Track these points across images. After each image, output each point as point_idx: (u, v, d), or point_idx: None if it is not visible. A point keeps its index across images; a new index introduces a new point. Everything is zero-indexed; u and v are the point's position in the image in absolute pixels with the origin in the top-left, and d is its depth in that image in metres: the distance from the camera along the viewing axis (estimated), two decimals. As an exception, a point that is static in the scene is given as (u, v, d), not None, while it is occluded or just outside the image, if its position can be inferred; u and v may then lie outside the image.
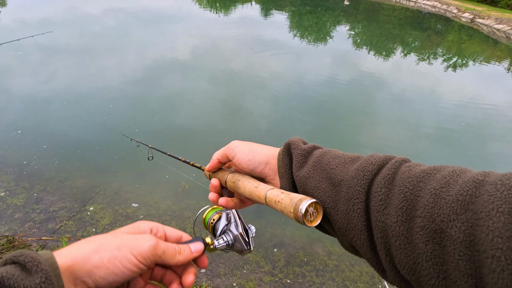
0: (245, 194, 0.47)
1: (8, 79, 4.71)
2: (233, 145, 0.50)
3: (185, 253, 0.40)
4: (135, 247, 0.35)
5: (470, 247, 0.26)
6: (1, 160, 3.07)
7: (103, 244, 0.35)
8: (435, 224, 0.29)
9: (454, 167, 0.33)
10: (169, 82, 5.30)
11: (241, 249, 0.49)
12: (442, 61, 9.71)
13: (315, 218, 0.38)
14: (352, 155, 0.43)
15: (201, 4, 15.39)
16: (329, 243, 2.66)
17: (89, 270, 0.33)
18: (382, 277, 0.37)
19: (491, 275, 0.24)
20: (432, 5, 22.02)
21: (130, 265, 0.34)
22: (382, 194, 0.35)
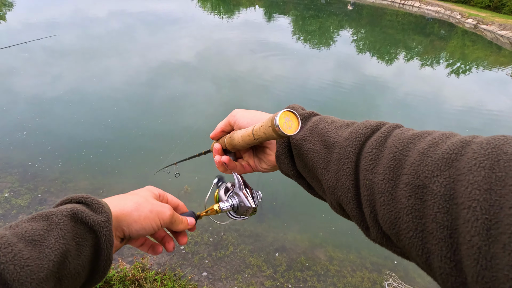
0: (239, 141, 0.49)
1: (15, 81, 4.77)
2: (235, 111, 0.53)
3: (184, 224, 0.51)
4: (161, 213, 0.46)
5: (449, 200, 0.27)
6: (6, 161, 3.10)
7: (141, 205, 0.45)
8: (419, 180, 0.30)
9: (445, 131, 0.34)
10: (173, 85, 5.34)
11: (246, 209, 0.51)
12: (446, 66, 9.70)
13: (293, 127, 0.40)
14: (349, 121, 0.44)
15: (205, 8, 15.53)
16: (330, 248, 2.66)
17: (129, 223, 0.43)
18: (365, 235, 0.38)
19: (465, 224, 0.25)
20: (435, 11, 22.04)
21: (155, 225, 0.45)
22: (373, 154, 0.36)
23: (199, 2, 17.19)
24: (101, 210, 0.38)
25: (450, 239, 0.26)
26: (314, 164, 0.42)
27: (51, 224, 0.34)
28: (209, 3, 17.14)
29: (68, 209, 0.36)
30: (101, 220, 0.37)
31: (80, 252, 0.35)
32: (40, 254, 0.31)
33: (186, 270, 2.29)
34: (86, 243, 0.36)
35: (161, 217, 0.45)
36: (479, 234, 0.24)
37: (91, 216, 0.37)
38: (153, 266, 2.27)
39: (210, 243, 2.54)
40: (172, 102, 4.74)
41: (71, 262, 0.34)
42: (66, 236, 0.34)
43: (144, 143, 3.66)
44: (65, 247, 0.33)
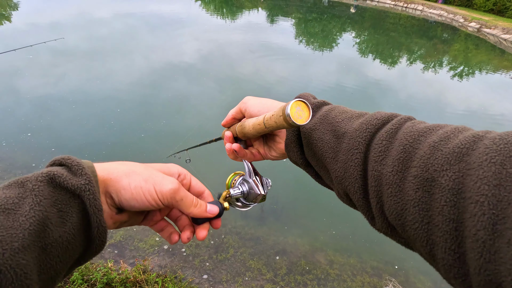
0: (250, 129, 0.49)
1: (20, 82, 4.82)
2: (246, 98, 0.53)
3: (200, 209, 0.43)
4: (159, 185, 0.38)
5: (457, 194, 0.27)
6: (10, 162, 3.13)
7: (134, 172, 0.39)
8: (428, 173, 0.30)
9: (458, 125, 0.34)
10: (175, 87, 5.37)
11: (255, 196, 0.51)
12: (448, 70, 9.69)
13: (304, 117, 0.40)
14: (360, 111, 0.44)
15: (208, 10, 15.61)
16: (331, 252, 2.66)
17: (117, 189, 0.37)
18: (371, 224, 0.38)
19: (472, 218, 0.25)
20: (438, 14, 22.02)
21: (150, 197, 0.38)
22: (383, 146, 0.36)
23: (202, 4, 17.29)
24: (81, 173, 0.34)
25: (456, 232, 0.26)
26: (323, 154, 0.42)
27: (26, 191, 0.31)
28: (212, 5, 17.23)
29: (44, 174, 0.33)
30: (81, 184, 0.33)
31: (64, 219, 0.32)
32: (14, 223, 0.29)
33: (187, 273, 2.31)
34: (70, 209, 0.33)
35: (159, 189, 0.38)
36: (485, 228, 0.24)
37: (70, 179, 0.33)
38: (154, 268, 2.29)
39: (211, 246, 2.55)
40: (175, 104, 4.77)
41: (54, 230, 0.31)
42: (43, 202, 0.31)
43: (146, 145, 3.68)
44: (42, 215, 0.30)
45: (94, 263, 2.20)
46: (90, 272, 2.05)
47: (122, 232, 2.56)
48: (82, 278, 1.98)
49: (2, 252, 0.27)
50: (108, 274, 2.04)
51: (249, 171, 0.53)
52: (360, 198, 0.37)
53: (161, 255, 2.41)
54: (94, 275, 2.01)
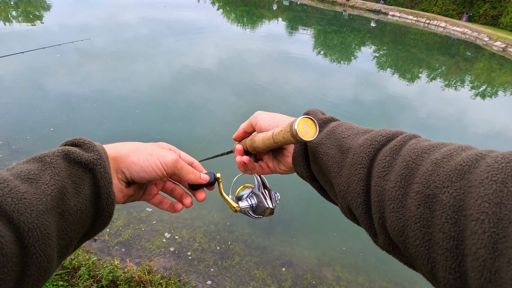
0: (259, 144, 0.50)
1: (46, 79, 5.05)
2: (257, 113, 0.55)
3: (195, 175, 0.50)
4: (162, 157, 0.45)
5: (458, 211, 0.27)
6: (31, 155, 3.25)
7: (139, 148, 0.44)
8: (430, 189, 0.30)
9: (462, 144, 0.34)
10: (194, 91, 5.48)
11: (264, 209, 0.52)
12: (470, 89, 9.42)
13: (311, 133, 0.41)
14: (366, 128, 0.45)
15: (229, 18, 15.96)
16: (338, 268, 2.59)
17: (127, 164, 0.43)
18: (373, 241, 0.38)
19: (472, 236, 0.24)
20: (462, 32, 21.59)
21: (156, 168, 0.44)
22: (386, 162, 0.36)
23: (223, 13, 17.71)
24: (93, 149, 0.39)
25: (456, 250, 0.26)
26: (328, 168, 0.43)
27: (45, 164, 0.35)
28: (233, 14, 17.61)
29: (59, 150, 0.37)
30: (93, 158, 0.38)
31: (78, 190, 0.36)
32: (37, 190, 0.32)
33: (191, 277, 2.30)
34: (83, 182, 0.37)
35: (163, 160, 0.44)
36: (485, 246, 0.23)
37: (83, 155, 0.37)
38: (159, 270, 2.29)
39: (217, 252, 2.54)
40: (192, 108, 4.85)
41: (70, 199, 0.35)
42: (61, 173, 0.35)
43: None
44: (61, 184, 0.34)
45: (101, 259, 2.23)
46: (97, 268, 2.08)
47: (130, 231, 2.59)
48: (89, 274, 2.01)
49: (30, 212, 0.30)
50: (114, 272, 2.06)
51: (258, 184, 0.54)
52: (363, 213, 0.37)
53: (166, 257, 2.42)
54: (100, 271, 2.03)
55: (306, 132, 0.40)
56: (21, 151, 3.28)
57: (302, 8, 25.61)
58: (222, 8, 19.39)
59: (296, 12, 23.33)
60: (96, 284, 1.96)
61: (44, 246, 0.31)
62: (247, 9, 20.10)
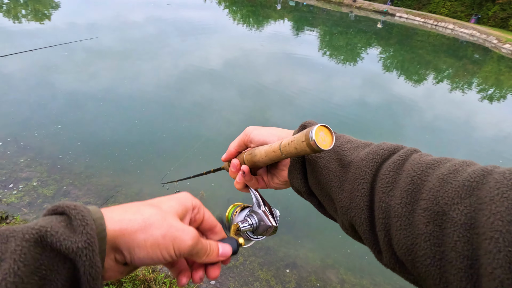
0: (261, 157, 0.47)
1: (54, 77, 5.11)
2: (248, 130, 0.52)
3: (211, 256, 0.39)
4: (177, 241, 0.34)
5: (470, 229, 0.26)
6: (38, 152, 3.29)
7: (152, 225, 0.33)
8: (438, 206, 0.29)
9: (465, 159, 0.34)
10: (199, 91, 5.49)
11: (266, 228, 0.48)
12: (478, 91, 9.30)
13: (327, 142, 0.39)
14: (365, 141, 0.44)
15: (235, 18, 15.98)
16: (343, 270, 2.57)
17: (131, 247, 0.32)
18: (377, 259, 0.37)
19: (487, 255, 0.24)
20: (470, 34, 21.36)
21: (166, 254, 0.34)
22: (390, 177, 0.35)
23: (230, 13, 17.74)
24: (82, 230, 0.28)
25: (471, 270, 0.26)
26: (328, 182, 0.41)
27: (6, 252, 0.25)
28: (239, 14, 17.64)
29: (34, 230, 0.27)
30: (77, 246, 0.28)
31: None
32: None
33: (195, 276, 2.30)
34: (57, 276, 0.27)
35: (177, 246, 0.34)
36: (502, 266, 0.23)
37: (64, 240, 0.27)
38: (163, 269, 2.30)
39: (221, 252, 2.54)
40: (197, 108, 4.86)
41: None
42: (21, 271, 0.25)
43: (167, 146, 3.76)
44: (15, 287, 0.24)
45: (106, 257, 2.24)
46: (103, 265, 2.09)
47: (135, 229, 2.60)
48: (94, 271, 2.02)
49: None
50: (119, 270, 2.08)
51: (257, 201, 0.50)
52: (367, 230, 0.36)
53: (171, 256, 2.43)
54: (106, 269, 2.05)
55: (323, 141, 0.38)
56: (29, 147, 3.32)
57: (308, 8, 25.55)
58: (228, 8, 19.44)
59: (302, 12, 23.28)
60: (101, 282, 1.97)
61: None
62: (253, 9, 20.12)
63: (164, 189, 2.89)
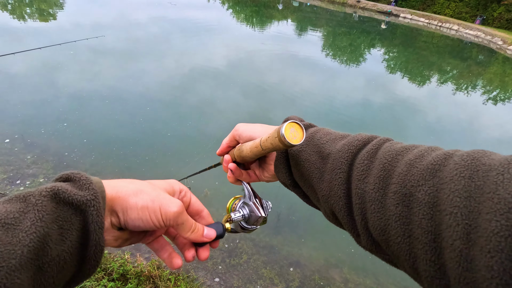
0: (247, 152, 0.51)
1: (60, 76, 5.15)
2: (238, 126, 0.56)
3: (196, 234, 0.42)
4: (164, 207, 0.38)
5: (433, 207, 0.29)
6: (44, 149, 3.33)
7: (143, 191, 0.38)
8: (406, 188, 0.32)
9: (431, 146, 0.36)
10: (203, 90, 5.52)
11: (256, 218, 0.52)
12: (482, 93, 9.25)
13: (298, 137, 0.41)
14: (343, 133, 0.46)
15: (239, 18, 16.00)
16: (346, 270, 2.58)
17: (124, 208, 0.37)
18: (356, 242, 0.40)
19: (448, 229, 0.26)
20: (475, 35, 21.23)
21: (154, 218, 0.37)
22: (364, 165, 0.38)
23: (233, 13, 17.76)
24: (88, 187, 0.33)
25: (434, 244, 0.28)
26: (310, 174, 0.44)
27: (28, 206, 0.30)
28: (242, 14, 17.66)
29: (48, 189, 0.32)
30: (86, 199, 0.32)
31: (64, 237, 0.31)
32: (13, 238, 0.27)
33: (199, 274, 2.32)
34: (71, 226, 0.32)
35: (164, 210, 0.38)
36: (460, 238, 0.25)
37: (75, 194, 0.32)
38: (168, 265, 2.32)
39: (225, 249, 2.55)
40: (202, 107, 4.88)
41: (53, 248, 0.30)
42: (45, 218, 0.30)
43: (171, 144, 3.79)
44: (43, 231, 0.29)
45: (112, 253, 2.26)
46: (108, 261, 2.11)
47: (141, 226, 2.62)
48: (100, 266, 2.04)
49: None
50: (124, 266, 2.10)
51: (249, 194, 0.53)
52: (345, 215, 0.39)
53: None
54: (111, 264, 2.07)
55: (294, 137, 0.41)
56: (35, 144, 3.35)
57: (311, 9, 25.52)
58: (231, 8, 19.46)
59: (306, 13, 23.26)
60: (108, 277, 1.99)
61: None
62: (257, 9, 20.13)
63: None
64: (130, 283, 2.00)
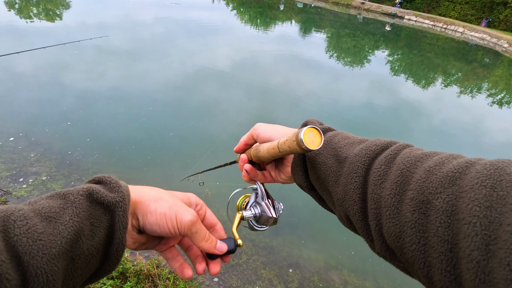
0: (264, 153, 0.51)
1: (64, 75, 5.20)
2: (257, 125, 0.56)
3: (210, 244, 0.44)
4: (180, 215, 0.41)
5: (451, 216, 0.28)
6: (48, 147, 3.36)
7: (162, 198, 0.42)
8: (423, 195, 0.31)
9: (453, 153, 0.35)
10: (206, 91, 5.53)
11: (267, 218, 0.52)
12: (487, 96, 9.16)
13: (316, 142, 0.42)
14: (361, 138, 0.46)
15: (243, 19, 16.04)
16: (346, 272, 2.56)
17: (144, 212, 0.40)
18: (370, 248, 0.39)
19: (466, 239, 0.26)
20: (480, 37, 21.05)
21: (170, 225, 0.40)
22: (382, 170, 0.37)
23: (237, 14, 17.81)
24: (117, 190, 0.38)
25: (451, 253, 0.27)
26: (326, 177, 0.44)
27: (67, 203, 0.34)
28: (247, 15, 17.70)
29: (84, 189, 0.36)
30: (116, 200, 0.37)
31: (94, 233, 0.35)
32: (54, 230, 0.31)
33: (198, 273, 2.32)
34: (100, 224, 0.35)
35: (179, 218, 0.40)
36: (478, 248, 0.24)
37: (106, 196, 0.37)
38: (167, 265, 2.32)
39: (225, 250, 2.55)
40: (204, 108, 4.90)
41: (85, 242, 0.33)
42: (81, 214, 0.34)
43: (173, 144, 3.80)
44: (79, 226, 0.33)
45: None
46: (108, 259, 2.12)
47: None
48: (100, 265, 2.06)
49: (41, 256, 0.29)
50: (123, 264, 2.11)
51: (262, 194, 0.54)
52: (360, 220, 0.38)
53: (175, 252, 2.45)
54: (111, 263, 2.08)
55: (312, 142, 0.41)
56: (39, 143, 3.39)
57: (316, 10, 25.50)
58: (236, 9, 19.52)
59: (310, 14, 23.25)
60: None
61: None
62: (261, 11, 20.16)
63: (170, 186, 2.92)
64: (129, 281, 2.01)
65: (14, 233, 0.29)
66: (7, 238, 0.29)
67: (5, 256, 0.27)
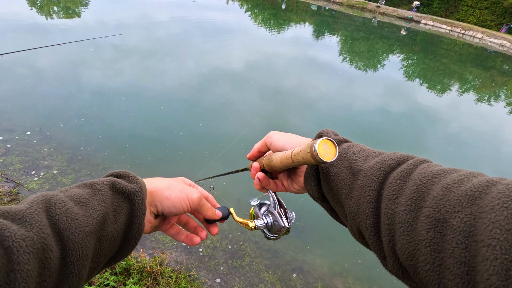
0: (277, 162, 0.51)
1: (80, 72, 5.33)
2: (271, 133, 0.56)
3: (212, 211, 0.55)
4: (190, 194, 0.50)
5: (469, 237, 0.27)
6: (61, 141, 3.44)
7: (172, 185, 0.50)
8: (440, 214, 0.30)
9: (474, 171, 0.34)
10: (219, 91, 5.56)
11: (279, 228, 0.52)
12: (506, 104, 8.86)
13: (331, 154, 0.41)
14: (377, 150, 0.45)
15: (257, 21, 16.09)
16: (351, 279, 2.51)
17: (161, 199, 0.48)
18: (382, 265, 0.38)
19: (484, 262, 0.24)
20: (500, 44, 20.41)
21: (184, 204, 0.49)
22: (397, 185, 0.36)
23: (251, 15, 17.87)
24: (136, 181, 0.44)
25: (467, 276, 0.26)
26: (339, 189, 0.43)
27: (94, 191, 0.40)
28: (260, 17, 17.75)
29: (108, 180, 0.43)
30: (135, 190, 0.43)
31: (116, 218, 0.40)
32: (86, 212, 0.37)
33: (200, 273, 2.32)
34: (121, 211, 0.41)
35: (190, 197, 0.50)
36: (498, 273, 0.23)
37: (127, 186, 0.43)
38: (171, 263, 2.33)
39: (228, 251, 2.54)
40: (216, 108, 4.92)
41: (109, 225, 0.39)
42: (106, 201, 0.40)
43: (183, 143, 3.83)
44: (105, 210, 0.39)
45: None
46: (113, 255, 2.15)
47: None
48: (105, 260, 2.08)
49: (78, 232, 0.35)
50: (127, 260, 2.12)
51: (274, 203, 0.54)
52: (372, 235, 0.37)
53: (178, 251, 2.46)
54: (116, 258, 2.10)
55: (326, 154, 0.41)
56: (54, 137, 3.47)
57: (330, 13, 25.32)
58: (250, 11, 19.60)
59: (324, 17, 23.10)
60: (110, 270, 2.02)
61: (80, 267, 0.34)
62: (275, 12, 20.17)
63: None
64: (132, 278, 2.02)
65: (56, 213, 0.34)
66: (50, 216, 0.34)
67: (49, 231, 0.32)
